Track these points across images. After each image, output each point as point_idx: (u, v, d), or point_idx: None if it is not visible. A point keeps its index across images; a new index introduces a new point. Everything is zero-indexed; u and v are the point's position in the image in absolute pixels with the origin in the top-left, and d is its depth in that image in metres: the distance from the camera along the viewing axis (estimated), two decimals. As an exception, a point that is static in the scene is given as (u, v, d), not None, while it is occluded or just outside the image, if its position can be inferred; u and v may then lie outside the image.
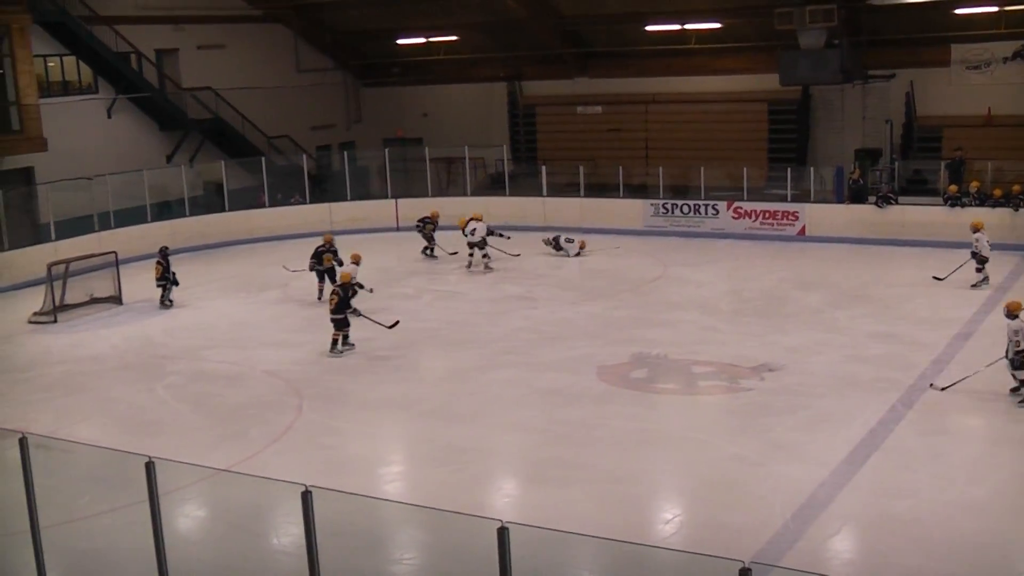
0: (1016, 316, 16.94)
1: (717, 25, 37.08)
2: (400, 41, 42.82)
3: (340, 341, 20.69)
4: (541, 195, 34.99)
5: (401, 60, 44.39)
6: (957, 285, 24.65)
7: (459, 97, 43.67)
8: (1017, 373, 16.79)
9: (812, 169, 33.45)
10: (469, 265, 28.01)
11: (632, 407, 17.35)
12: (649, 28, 38.13)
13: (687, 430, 16.19)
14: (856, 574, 11.41)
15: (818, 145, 37.73)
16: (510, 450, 15.92)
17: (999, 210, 29.14)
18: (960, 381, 17.14)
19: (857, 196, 31.29)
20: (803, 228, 31.12)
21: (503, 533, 8.57)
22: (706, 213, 32.31)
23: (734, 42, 37.78)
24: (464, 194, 36.07)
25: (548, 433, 16.24)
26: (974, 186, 30.09)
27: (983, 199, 29.67)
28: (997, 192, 29.63)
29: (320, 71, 43.47)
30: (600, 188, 35.11)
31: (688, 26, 37.42)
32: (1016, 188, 29.37)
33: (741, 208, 31.93)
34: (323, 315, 22.24)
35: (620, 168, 34.40)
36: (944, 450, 15.16)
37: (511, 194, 35.62)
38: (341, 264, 24.50)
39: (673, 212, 32.75)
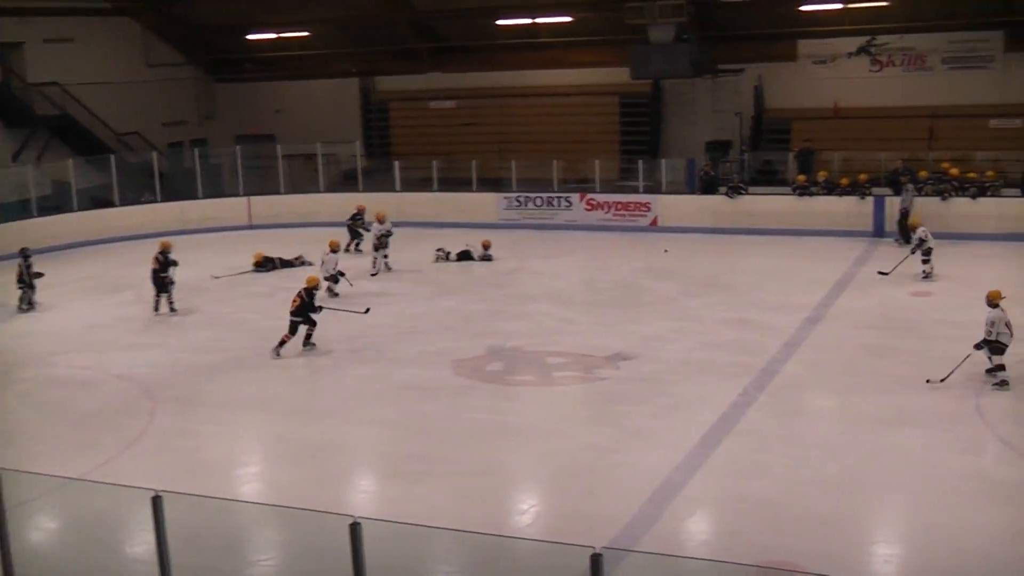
0: (996, 305, 17.19)
1: (568, 19, 37.31)
2: (251, 36, 42.26)
3: (299, 341, 20.06)
4: (395, 190, 34.83)
5: (253, 55, 43.80)
6: (804, 272, 25.23)
7: (312, 93, 43.17)
8: (994, 357, 17.05)
9: (664, 161, 33.88)
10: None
11: (488, 400, 17.33)
12: (501, 22, 38.23)
13: (543, 421, 16.21)
14: (711, 554, 11.50)
15: (670, 137, 38.21)
16: (367, 446, 15.79)
17: (847, 198, 29.86)
18: (954, 370, 17.15)
19: (708, 187, 31.79)
20: (655, 219, 31.49)
21: (355, 529, 8.49)
22: (559, 205, 32.52)
23: (586, 36, 38.05)
24: (318, 191, 35.74)
25: (405, 428, 16.14)
26: (822, 176, 30.78)
27: (831, 188, 30.36)
28: (844, 181, 30.34)
29: (171, 66, 42.59)
30: (454, 182, 35.06)
31: (539, 20, 37.65)
32: (863, 177, 30.13)
33: (594, 200, 32.20)
34: (177, 317, 22.03)
35: (474, 162, 34.45)
36: (796, 431, 15.42)
37: (365, 190, 35.37)
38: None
39: (527, 205, 32.88)
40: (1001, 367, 16.84)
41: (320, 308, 20.17)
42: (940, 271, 24.42)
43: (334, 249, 24.35)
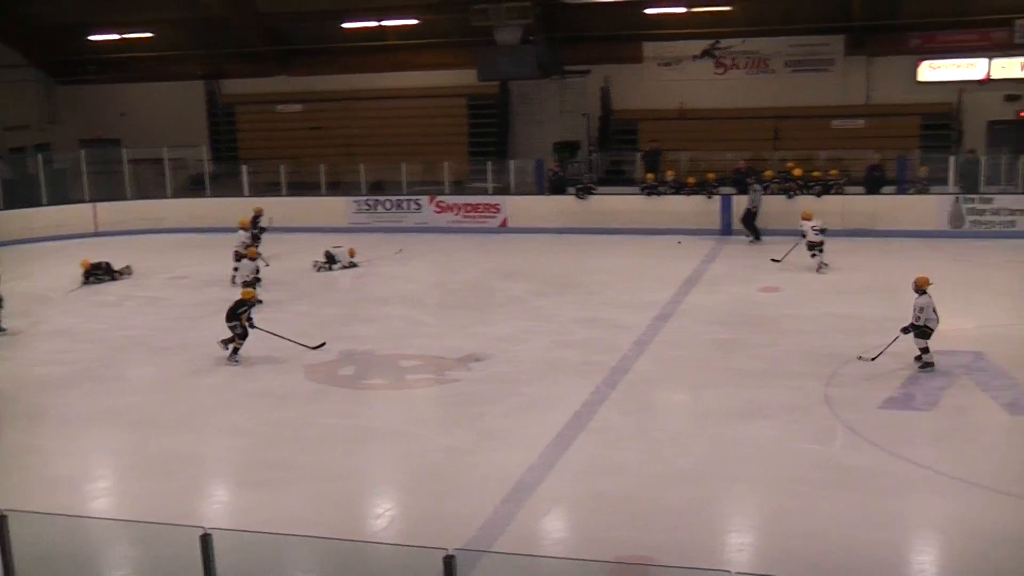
0: (924, 292, 17.58)
1: (415, 21, 37.23)
2: (93, 37, 41.17)
3: (232, 346, 19.53)
4: (243, 195, 34.35)
5: (96, 57, 42.63)
6: (654, 270, 25.57)
7: (158, 96, 42.17)
8: (918, 342, 17.45)
9: (512, 162, 34.06)
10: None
11: (342, 404, 17.15)
12: (347, 25, 37.99)
13: (397, 424, 16.08)
14: (567, 552, 11.53)
15: (518, 139, 38.40)
16: (221, 455, 15.48)
17: (694, 197, 30.35)
18: (884, 351, 17.64)
19: (557, 187, 32.00)
20: (505, 220, 31.61)
21: (206, 540, 8.32)
22: (409, 208, 32.45)
23: (432, 38, 38.01)
24: (165, 196, 35.08)
25: (259, 436, 15.86)
26: (669, 175, 31.23)
27: (679, 187, 30.81)
28: (691, 180, 30.83)
29: (10, 68, 41.19)
30: (303, 186, 34.72)
31: (386, 23, 37.49)
32: (710, 176, 30.67)
33: (443, 202, 32.20)
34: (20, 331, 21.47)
35: (322, 166, 34.19)
36: (649, 426, 15.55)
37: (213, 195, 34.87)
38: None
39: (376, 208, 32.74)
40: (926, 350, 17.39)
41: (252, 326, 19.56)
42: (785, 267, 24.96)
43: (252, 257, 23.68)
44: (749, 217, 29.01)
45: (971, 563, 11.41)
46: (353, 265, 27.40)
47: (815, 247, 25.14)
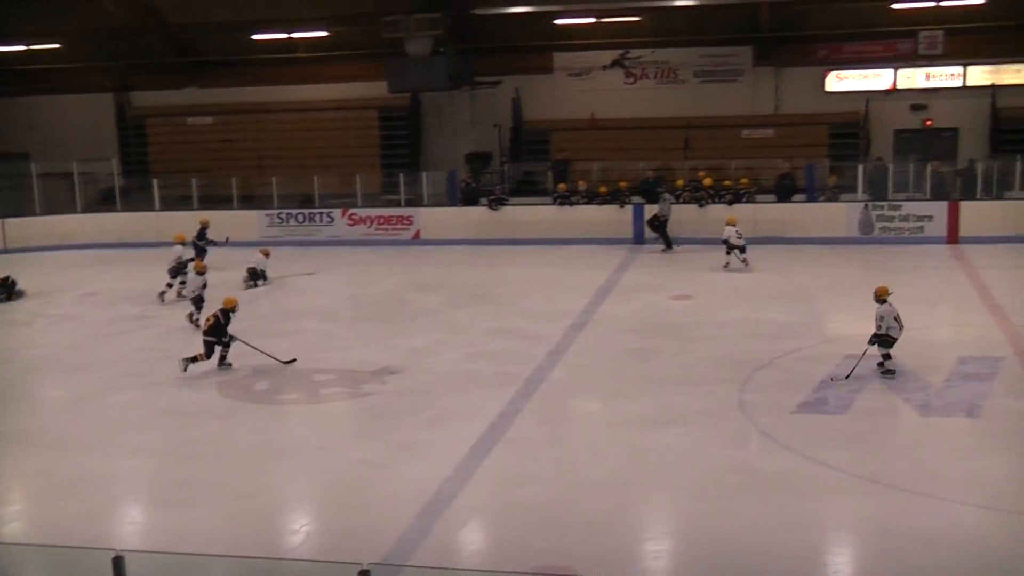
0: (884, 301, 17.72)
1: (325, 33, 37.05)
2: (-2, 48, 40.49)
3: (209, 359, 19.19)
4: (154, 209, 33.96)
5: (2, 68, 41.87)
6: (567, 280, 25.65)
7: (67, 109, 41.47)
8: (880, 350, 17.60)
9: (425, 174, 34.02)
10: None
11: (256, 420, 16.92)
12: (257, 37, 37.72)
13: (312, 439, 15.90)
14: (483, 563, 11.48)
15: (430, 150, 38.37)
16: (134, 475, 15.15)
17: (606, 207, 30.52)
18: (855, 367, 17.61)
19: (470, 199, 32.00)
20: (418, 232, 31.56)
21: (119, 563, 8.15)
22: (321, 221, 32.28)
23: (343, 50, 37.87)
24: (75, 211, 34.55)
25: (172, 454, 15.58)
26: (581, 185, 31.36)
27: (591, 197, 30.95)
28: (603, 190, 30.99)
29: (-88, 79, 40.39)
30: (215, 200, 34.38)
31: (296, 35, 37.27)
32: (622, 185, 30.87)
33: (356, 215, 32.06)
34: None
35: (234, 179, 33.89)
36: (564, 435, 15.55)
37: (123, 209, 34.43)
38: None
39: (288, 222, 32.54)
40: (888, 357, 17.57)
41: (232, 337, 19.22)
42: (697, 276, 25.17)
43: (200, 271, 22.99)
44: (661, 225, 29.20)
45: (885, 563, 11.52)
46: (260, 278, 27.02)
47: (735, 249, 25.64)
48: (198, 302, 22.30)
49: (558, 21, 35.76)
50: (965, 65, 35.78)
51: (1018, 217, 29.23)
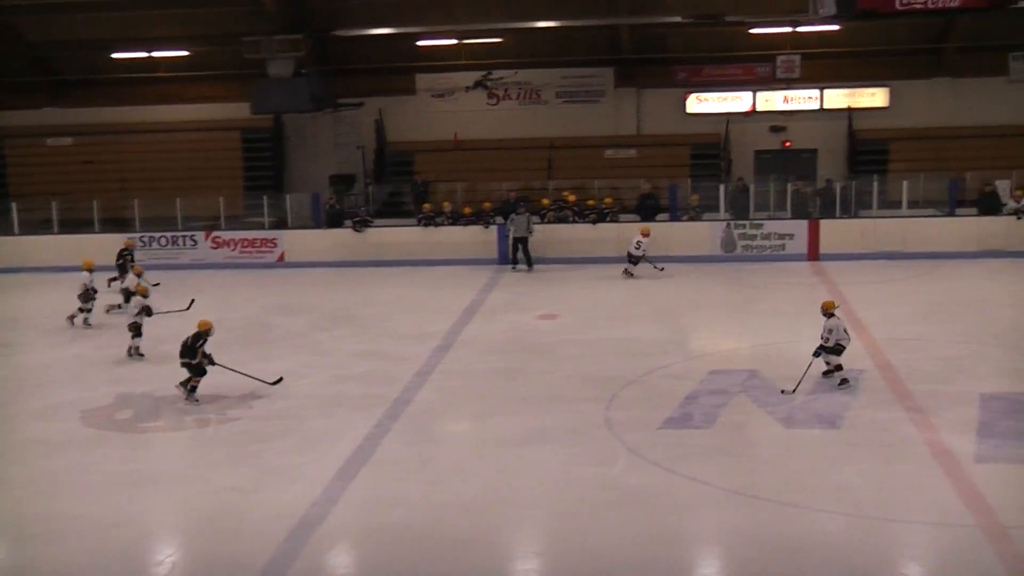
0: (832, 315, 17.99)
1: (185, 53, 36.59)
2: None
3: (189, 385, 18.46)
4: (14, 234, 33.09)
5: None
6: (433, 301, 25.60)
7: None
8: (832, 358, 17.93)
9: (289, 196, 33.73)
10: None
11: (120, 449, 16.47)
12: (117, 55, 37.08)
13: (177, 467, 15.57)
14: (353, 587, 11.44)
15: (294, 172, 38.09)
16: (-9, 510, 14.77)
17: (471, 228, 30.55)
18: (801, 380, 17.85)
19: (334, 221, 31.80)
20: (282, 254, 31.24)
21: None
22: (184, 244, 31.76)
23: (204, 70, 37.45)
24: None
25: (33, 486, 15.08)
26: (446, 206, 31.38)
27: (456, 218, 30.98)
28: (467, 211, 31.04)
29: None
30: (76, 224, 33.66)
31: (156, 54, 36.74)
32: (486, 206, 30.98)
33: (220, 238, 31.62)
34: None
35: (95, 202, 33.21)
36: (432, 456, 15.47)
37: (-20, 234, 33.56)
38: None
39: (151, 245, 31.93)
40: (839, 367, 17.91)
41: (211, 362, 18.55)
42: (563, 295, 25.30)
43: (143, 294, 22.07)
44: (523, 245, 29.36)
45: (751, 572, 11.71)
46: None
47: (636, 260, 26.90)
48: (136, 329, 21.62)
49: (420, 42, 35.87)
50: (822, 88, 36.80)
51: (875, 234, 30.00)
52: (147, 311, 21.65)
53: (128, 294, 24.04)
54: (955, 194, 32.62)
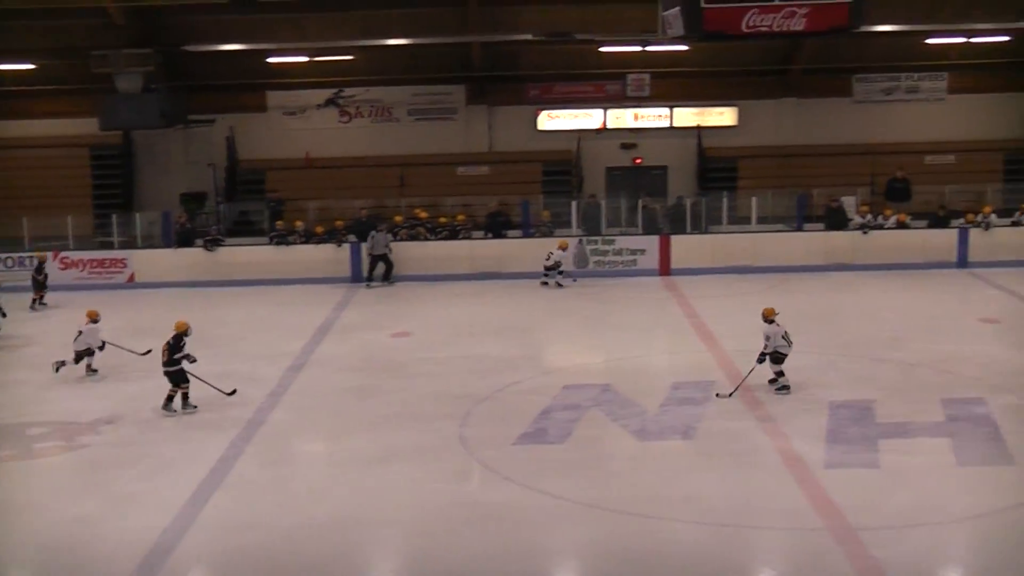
0: (772, 321, 18.36)
1: (31, 66, 35.67)
2: None
3: (181, 399, 18.24)
4: None
5: None
6: (286, 320, 25.39)
7: None
8: (773, 367, 18.29)
9: (139, 215, 33.11)
10: None
11: (-37, 479, 16.13)
12: (-45, 68, 36.05)
13: (25, 497, 15.10)
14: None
15: (144, 190, 37.31)
16: None
17: (324, 246, 30.37)
18: (740, 384, 18.36)
19: (185, 240, 31.31)
20: (132, 275, 30.62)
21: None
22: (32, 265, 30.68)
23: (51, 85, 36.54)
24: None
25: None
26: (298, 224, 31.17)
27: (308, 236, 30.78)
28: (319, 229, 30.87)
29: None
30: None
31: (0, 67, 35.73)
32: (339, 224, 30.83)
33: (68, 258, 30.86)
34: None
35: (-64, 222, 32.23)
36: (286, 477, 15.36)
37: None
38: None
39: (-4, 266, 31.07)
40: (781, 373, 18.36)
41: (191, 360, 18.41)
42: (417, 313, 25.31)
43: (94, 319, 21.26)
44: (384, 262, 29.31)
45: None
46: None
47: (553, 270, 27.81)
48: (89, 354, 20.99)
49: (271, 59, 35.52)
50: (672, 107, 37.43)
51: (725, 250, 30.57)
52: None
53: None
54: (803, 210, 33.45)
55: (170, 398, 18.52)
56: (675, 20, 21.89)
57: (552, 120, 37.41)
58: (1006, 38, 35.38)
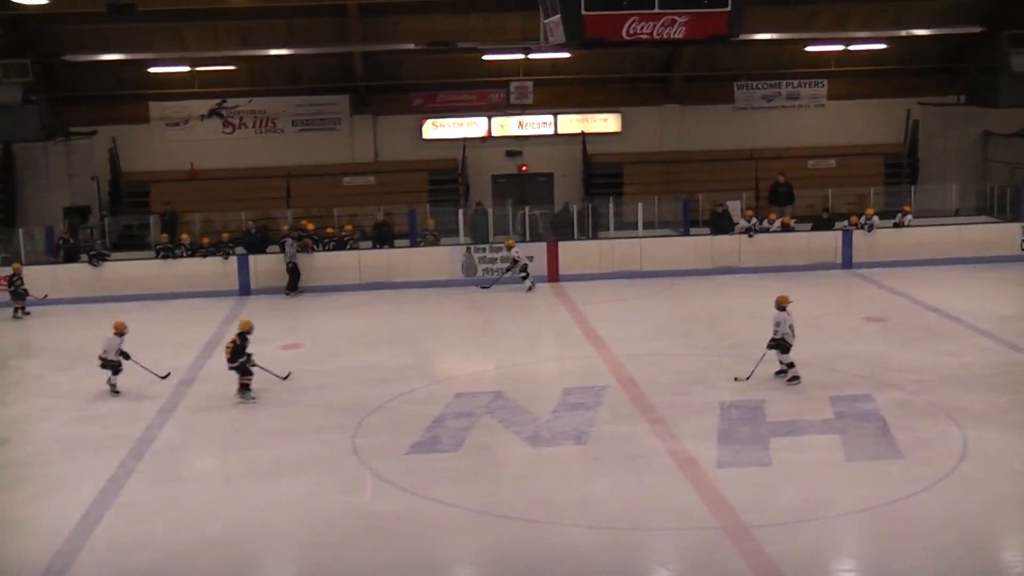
0: (783, 308, 18.51)
1: None
2: None
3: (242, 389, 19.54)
4: None
5: None
6: (174, 336, 25.08)
7: None
8: (782, 357, 18.37)
9: (21, 230, 32.46)
10: None
11: None
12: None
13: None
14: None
15: (28, 204, 36.58)
16: None
17: (210, 259, 30.08)
18: (755, 369, 18.82)
19: (70, 255, 30.80)
20: (14, 292, 30.04)
21: None
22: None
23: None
24: None
25: None
26: (184, 238, 30.86)
27: (194, 249, 30.45)
28: (205, 241, 30.58)
29: None
30: None
31: None
32: (225, 236, 30.59)
33: (-52, 276, 30.14)
34: None
35: None
36: (177, 495, 15.18)
37: None
38: None
39: None
40: (791, 364, 18.59)
41: (249, 357, 19.57)
42: (305, 324, 25.21)
43: (119, 332, 20.66)
44: (293, 269, 29.26)
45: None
46: None
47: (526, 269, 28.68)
48: (116, 367, 20.53)
49: (152, 69, 35.10)
50: (556, 114, 37.75)
51: (613, 255, 30.84)
52: None
53: None
54: (688, 215, 33.89)
55: (244, 387, 19.55)
56: (556, 28, 22.06)
57: (437, 129, 37.53)
58: (883, 46, 36.27)
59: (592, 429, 17.25)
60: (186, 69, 35.33)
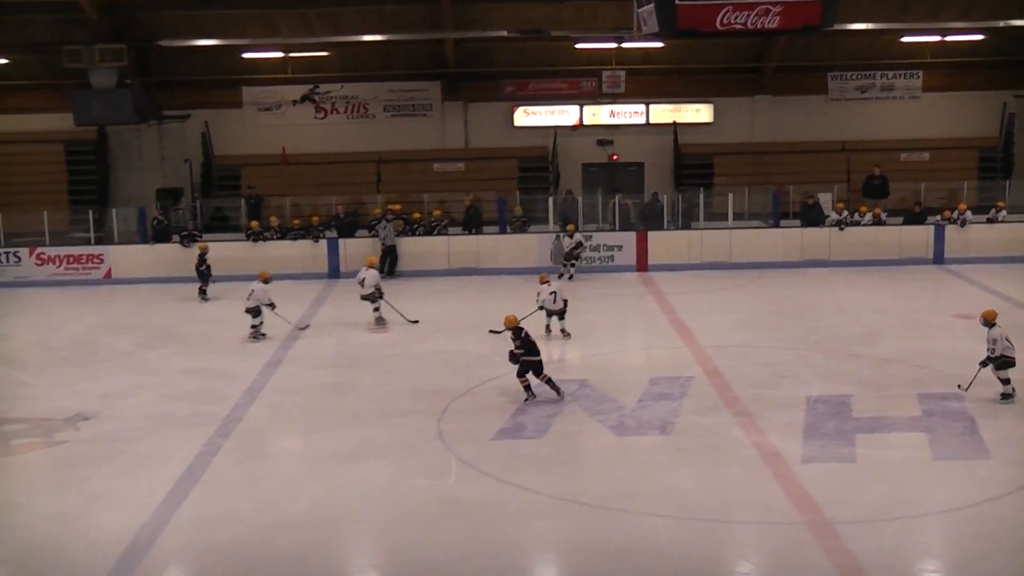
0: (993, 324, 17.86)
1: (3, 61, 35.48)
2: None
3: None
4: None
5: None
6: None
7: None
8: (1000, 373, 17.75)
9: (115, 210, 32.95)
10: None
11: (-64, 475, 16.06)
12: (-71, 65, 35.79)
13: (2, 495, 15.10)
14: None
15: (120, 186, 37.16)
16: None
17: (300, 242, 30.35)
18: (974, 379, 17.97)
19: (161, 236, 31.23)
20: (109, 271, 30.56)
21: None
22: (8, 261, 30.73)
23: (24, 80, 36.36)
24: None
25: None
26: (274, 221, 31.13)
27: (284, 233, 30.73)
28: (296, 222, 30.86)
29: None
30: None
31: (-30, 62, 35.51)
32: (315, 220, 30.85)
33: (44, 254, 30.75)
34: None
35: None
36: (262, 474, 15.31)
37: None
38: None
39: (-28, 260, 30.90)
40: (1007, 381, 17.82)
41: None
42: (390, 310, 25.34)
43: (265, 280, 23.00)
44: (392, 252, 29.50)
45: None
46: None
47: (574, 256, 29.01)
48: (256, 313, 23.03)
49: (246, 55, 35.43)
50: (647, 104, 37.49)
51: (702, 246, 30.71)
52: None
53: None
54: (778, 207, 33.56)
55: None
56: (649, 17, 21.88)
57: (528, 116, 37.45)
58: (980, 37, 35.59)
59: (677, 420, 17.13)
60: (279, 55, 35.62)
